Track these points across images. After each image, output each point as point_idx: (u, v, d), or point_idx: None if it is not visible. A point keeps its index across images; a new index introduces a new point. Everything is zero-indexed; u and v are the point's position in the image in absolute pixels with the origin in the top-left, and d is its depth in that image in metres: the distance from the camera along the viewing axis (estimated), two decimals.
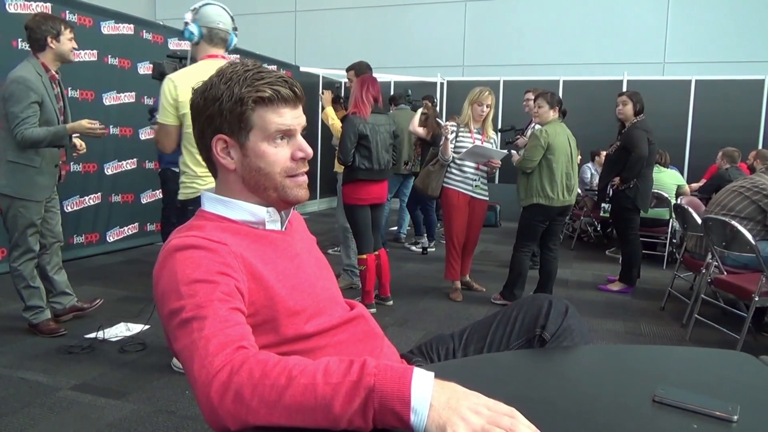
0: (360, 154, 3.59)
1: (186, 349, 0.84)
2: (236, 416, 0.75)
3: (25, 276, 3.06)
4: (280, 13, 10.32)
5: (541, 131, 3.76)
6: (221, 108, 1.01)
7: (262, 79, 1.01)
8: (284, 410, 0.74)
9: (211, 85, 1.04)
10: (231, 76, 1.02)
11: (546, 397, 0.92)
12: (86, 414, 2.28)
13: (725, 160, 5.65)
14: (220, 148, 1.05)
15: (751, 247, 3.05)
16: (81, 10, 4.90)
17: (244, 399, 0.75)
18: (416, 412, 0.71)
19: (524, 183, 3.84)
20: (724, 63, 8.03)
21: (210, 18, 2.57)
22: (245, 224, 1.06)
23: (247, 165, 1.05)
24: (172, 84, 2.46)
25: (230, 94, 1.01)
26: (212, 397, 0.76)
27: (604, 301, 4.22)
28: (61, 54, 3.01)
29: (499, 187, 8.44)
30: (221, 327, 0.84)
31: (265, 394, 0.74)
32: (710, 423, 0.83)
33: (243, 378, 0.76)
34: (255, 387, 0.75)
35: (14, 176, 2.94)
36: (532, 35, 9.01)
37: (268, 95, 1.01)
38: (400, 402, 0.71)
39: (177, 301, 0.88)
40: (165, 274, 0.93)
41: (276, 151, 1.04)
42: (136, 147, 5.57)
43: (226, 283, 0.91)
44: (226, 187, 1.08)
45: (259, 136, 1.03)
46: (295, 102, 1.04)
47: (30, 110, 2.84)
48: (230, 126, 1.02)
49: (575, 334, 1.25)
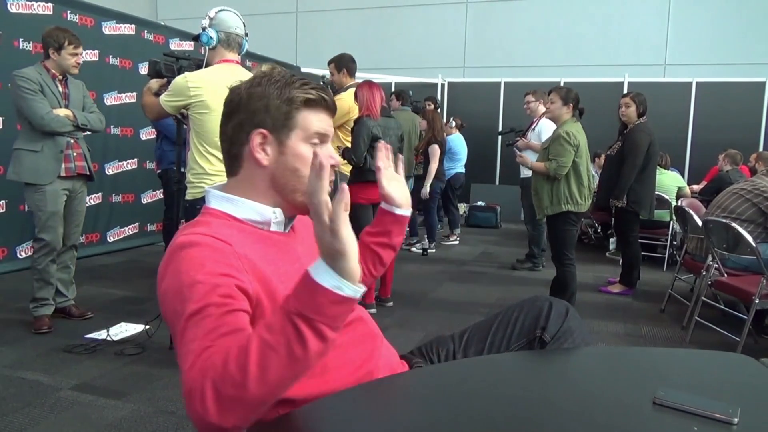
0: (371, 156, 3.60)
1: (180, 352, 0.86)
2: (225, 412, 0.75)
3: (40, 270, 3.17)
4: (282, 14, 10.33)
5: (568, 133, 3.37)
6: (268, 104, 1.05)
7: (309, 84, 1.08)
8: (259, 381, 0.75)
9: (257, 83, 1.08)
10: (278, 78, 1.08)
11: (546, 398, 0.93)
12: (86, 414, 2.28)
13: (727, 162, 5.65)
14: (257, 142, 1.06)
15: (752, 249, 3.04)
16: (82, 10, 4.90)
17: (222, 392, 0.75)
18: (333, 283, 0.77)
19: (548, 190, 3.44)
20: (725, 65, 8.03)
21: (227, 24, 2.69)
22: (250, 223, 1.07)
23: (282, 163, 1.06)
24: (185, 82, 2.58)
25: (279, 92, 1.06)
26: (197, 409, 0.76)
27: (604, 302, 4.22)
28: (61, 66, 3.15)
29: (499, 189, 8.47)
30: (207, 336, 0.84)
31: (236, 378, 0.75)
32: (710, 425, 0.83)
33: (211, 374, 0.77)
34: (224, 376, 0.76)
35: (20, 163, 3.09)
36: (533, 37, 9.02)
37: (314, 98, 1.06)
38: (322, 294, 0.77)
39: (180, 304, 0.89)
40: (169, 272, 0.95)
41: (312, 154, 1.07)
42: (137, 147, 5.57)
43: (227, 285, 0.91)
44: (246, 185, 1.09)
45: (300, 136, 1.06)
46: (331, 110, 1.11)
47: (38, 96, 3.03)
48: (274, 122, 1.05)
49: (576, 335, 1.25)
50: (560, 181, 3.39)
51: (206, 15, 2.68)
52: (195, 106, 2.57)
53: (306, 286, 0.78)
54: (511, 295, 4.27)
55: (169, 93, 2.64)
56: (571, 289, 3.50)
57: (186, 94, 2.57)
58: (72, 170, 3.22)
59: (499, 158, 8.60)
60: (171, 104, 2.63)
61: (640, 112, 4.19)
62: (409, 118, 5.59)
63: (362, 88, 3.68)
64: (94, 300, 3.75)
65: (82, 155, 3.29)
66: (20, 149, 3.09)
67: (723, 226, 3.21)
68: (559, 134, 3.41)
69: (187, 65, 2.88)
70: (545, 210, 3.47)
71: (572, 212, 3.42)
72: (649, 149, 4.14)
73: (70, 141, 3.20)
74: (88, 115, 3.27)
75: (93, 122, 3.28)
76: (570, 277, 3.49)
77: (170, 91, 2.63)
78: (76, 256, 3.46)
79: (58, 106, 3.13)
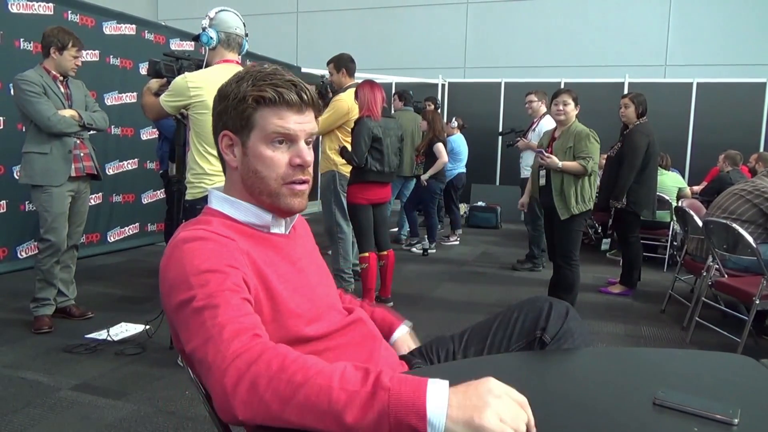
0: (372, 156, 3.60)
1: (197, 336, 0.83)
2: (248, 406, 0.75)
3: (44, 270, 3.18)
4: (282, 14, 10.34)
5: (591, 131, 3.42)
6: (227, 105, 1.03)
7: (269, 80, 1.02)
8: (296, 408, 0.73)
9: (226, 84, 1.06)
10: (244, 75, 1.04)
11: (546, 399, 0.92)
12: (86, 414, 2.28)
13: (727, 163, 5.65)
14: (225, 145, 1.07)
15: (752, 250, 3.04)
16: (83, 10, 4.91)
17: (259, 390, 0.75)
18: (432, 425, 0.70)
19: (574, 189, 3.39)
20: (725, 66, 8.03)
21: (228, 24, 2.69)
22: (250, 226, 1.07)
23: (246, 165, 1.05)
24: (185, 83, 2.58)
25: (237, 91, 1.02)
26: (226, 383, 0.76)
27: (604, 303, 4.22)
28: (61, 66, 3.15)
29: (499, 189, 8.46)
30: (235, 314, 0.83)
31: (280, 388, 0.74)
32: (711, 426, 0.83)
33: (260, 368, 0.75)
34: (271, 379, 0.75)
35: (31, 166, 3.10)
36: (533, 37, 9.02)
37: (269, 96, 1.01)
38: (415, 416, 0.71)
39: (187, 292, 0.88)
40: (173, 265, 0.93)
41: (274, 155, 1.03)
42: (138, 147, 5.58)
43: (235, 275, 0.91)
44: (231, 186, 1.10)
45: (258, 136, 1.03)
46: (300, 107, 1.03)
47: (42, 98, 3.03)
48: (234, 123, 1.04)
49: (576, 336, 1.24)
50: (585, 180, 3.39)
51: (206, 15, 2.68)
52: (195, 107, 2.58)
53: (416, 388, 0.73)
54: (511, 296, 4.27)
55: (169, 93, 2.65)
56: (576, 290, 3.51)
57: (186, 95, 2.57)
58: (81, 170, 3.25)
59: (499, 159, 8.60)
60: (171, 104, 2.64)
61: (639, 113, 4.19)
62: (412, 118, 5.60)
63: (363, 88, 3.67)
64: (95, 300, 3.75)
65: (89, 155, 3.31)
66: (30, 152, 3.10)
67: (723, 226, 3.21)
68: (586, 133, 3.40)
69: (187, 65, 2.88)
70: (572, 209, 3.40)
71: (588, 211, 3.44)
72: (648, 150, 4.13)
73: (77, 141, 3.22)
74: (93, 114, 3.28)
75: (98, 121, 3.30)
76: (576, 278, 3.50)
77: (170, 92, 2.64)
78: (77, 255, 3.46)
79: (62, 107, 3.14)
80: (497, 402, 0.72)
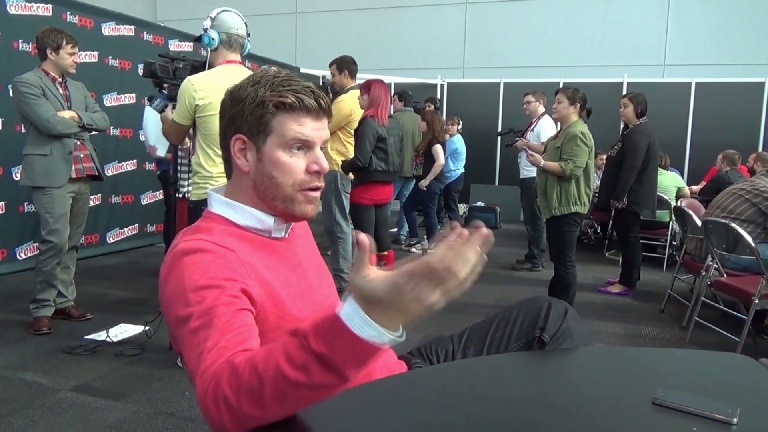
0: (377, 156, 3.61)
1: (191, 360, 0.85)
2: (236, 423, 0.76)
3: (45, 272, 3.18)
4: (281, 15, 10.33)
5: (583, 134, 3.38)
6: (243, 109, 1.02)
7: (288, 86, 1.01)
8: (274, 405, 0.74)
9: (240, 87, 1.05)
10: (260, 79, 1.03)
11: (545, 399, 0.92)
12: (86, 415, 2.27)
13: (725, 163, 5.65)
14: (237, 149, 1.05)
15: (752, 249, 3.04)
16: (82, 11, 4.90)
17: (232, 406, 0.75)
18: (372, 333, 0.72)
19: (557, 190, 3.42)
20: (724, 65, 8.02)
21: (229, 24, 2.67)
22: (251, 230, 1.06)
23: (260, 170, 1.04)
24: (191, 86, 2.56)
25: (254, 96, 1.01)
26: (210, 408, 0.76)
27: (604, 303, 4.22)
28: (59, 66, 3.15)
29: (499, 189, 8.46)
30: (222, 335, 0.83)
31: (248, 397, 0.74)
32: (710, 426, 0.83)
33: (225, 386, 0.76)
34: (237, 392, 0.75)
35: (32, 168, 3.10)
36: (532, 37, 9.01)
37: (290, 102, 1.00)
38: (357, 344, 0.72)
39: (185, 308, 0.88)
40: (172, 278, 0.93)
41: (291, 161, 1.03)
42: (137, 148, 5.56)
43: (232, 287, 0.91)
44: (238, 190, 1.08)
45: (276, 142, 1.02)
46: (318, 113, 1.03)
47: (41, 100, 3.03)
48: (250, 127, 1.03)
49: (575, 336, 1.25)
50: (570, 181, 3.39)
51: (207, 16, 2.67)
52: (202, 109, 2.56)
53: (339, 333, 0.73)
54: (511, 296, 4.27)
55: (179, 106, 2.62)
56: (572, 290, 3.51)
57: (194, 97, 2.55)
58: (81, 171, 3.24)
59: (498, 159, 8.60)
60: (183, 115, 2.61)
61: (638, 113, 4.19)
62: (412, 119, 5.60)
63: (378, 87, 3.65)
64: (94, 301, 3.75)
65: (90, 156, 3.30)
66: (30, 154, 3.10)
67: (722, 226, 3.21)
68: (575, 135, 3.36)
69: (182, 66, 2.88)
70: (553, 210, 3.44)
71: (578, 213, 3.42)
72: (649, 150, 4.14)
73: (77, 142, 3.21)
74: (93, 115, 3.27)
75: (98, 121, 3.29)
76: (572, 279, 3.50)
77: (178, 101, 2.62)
78: (76, 257, 3.46)
79: (61, 108, 3.13)
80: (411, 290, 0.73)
